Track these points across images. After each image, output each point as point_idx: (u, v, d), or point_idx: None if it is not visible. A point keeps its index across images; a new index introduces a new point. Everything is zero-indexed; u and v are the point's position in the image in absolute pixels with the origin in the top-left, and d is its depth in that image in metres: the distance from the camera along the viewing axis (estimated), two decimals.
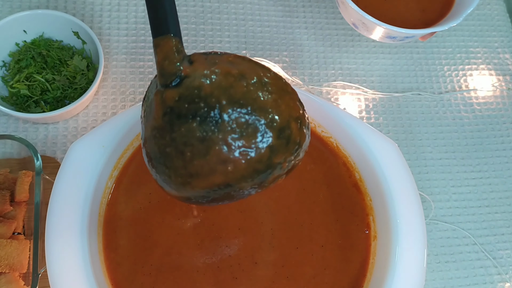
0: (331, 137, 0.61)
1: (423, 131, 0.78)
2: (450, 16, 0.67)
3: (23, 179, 0.58)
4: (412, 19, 0.67)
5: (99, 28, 0.75)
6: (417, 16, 0.68)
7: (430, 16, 0.68)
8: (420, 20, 0.67)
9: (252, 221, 0.56)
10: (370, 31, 0.68)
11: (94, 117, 0.70)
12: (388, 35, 0.67)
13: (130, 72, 0.73)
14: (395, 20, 0.65)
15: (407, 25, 0.64)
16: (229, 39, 0.78)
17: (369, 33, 0.70)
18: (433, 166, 0.76)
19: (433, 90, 0.81)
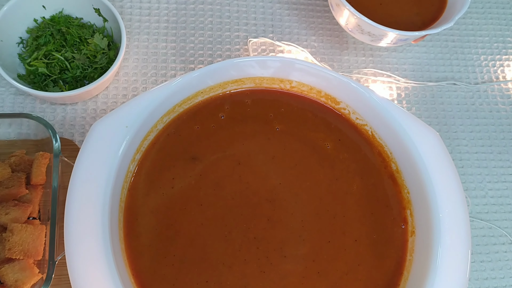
0: (366, 125, 0.57)
1: (458, 123, 0.74)
2: (443, 20, 0.66)
3: (40, 161, 0.55)
4: (407, 22, 0.67)
5: (120, 7, 0.71)
6: (411, 19, 0.67)
7: (424, 19, 0.68)
8: (414, 23, 0.67)
9: (282, 212, 0.53)
10: (365, 34, 0.67)
11: (114, 98, 0.66)
12: (381, 38, 0.66)
13: (152, 53, 0.70)
14: (390, 23, 0.64)
15: (402, 28, 0.64)
16: (255, 22, 0.74)
17: (363, 37, 0.68)
18: (469, 160, 0.71)
19: (469, 80, 0.77)
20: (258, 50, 0.73)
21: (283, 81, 0.58)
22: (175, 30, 0.72)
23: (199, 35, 0.72)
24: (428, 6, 0.68)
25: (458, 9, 0.65)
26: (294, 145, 0.56)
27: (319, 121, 0.58)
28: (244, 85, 0.57)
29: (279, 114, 0.58)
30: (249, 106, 0.57)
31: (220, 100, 0.57)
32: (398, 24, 0.66)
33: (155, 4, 0.73)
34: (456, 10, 0.65)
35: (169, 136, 0.55)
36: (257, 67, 0.55)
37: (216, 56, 0.71)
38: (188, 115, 0.56)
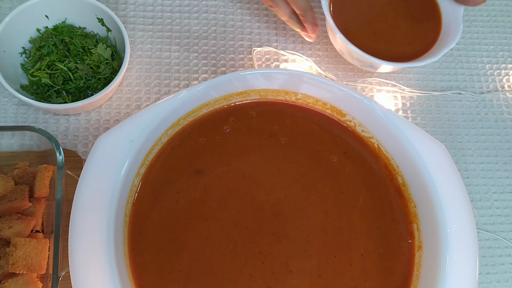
0: (373, 138, 0.57)
1: (463, 133, 0.73)
2: (432, 52, 0.67)
3: (44, 173, 0.54)
4: (398, 52, 0.67)
5: (123, 16, 0.71)
6: (403, 49, 0.68)
7: (416, 50, 0.68)
8: (405, 53, 0.67)
9: (287, 226, 0.52)
10: (354, 59, 0.68)
11: (118, 109, 0.66)
12: (372, 65, 0.67)
13: (156, 63, 0.69)
14: (381, 52, 0.66)
15: (393, 57, 0.65)
16: (259, 31, 0.74)
17: (354, 61, 0.69)
18: (474, 171, 0.71)
19: (474, 90, 0.76)
20: (262, 59, 0.72)
21: (288, 93, 0.57)
22: (178, 39, 0.71)
23: (202, 44, 0.72)
24: (422, 37, 0.68)
25: (447, 42, 0.65)
26: (300, 158, 0.56)
27: (324, 133, 0.58)
28: (249, 97, 0.57)
29: (285, 127, 0.57)
30: (254, 118, 0.57)
31: (225, 113, 0.57)
32: (389, 53, 0.66)
33: (158, 13, 0.72)
34: (446, 43, 0.65)
35: (174, 149, 0.54)
36: (262, 80, 0.55)
37: (219, 65, 0.71)
38: (192, 127, 0.55)
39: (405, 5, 0.69)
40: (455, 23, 0.66)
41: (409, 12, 0.69)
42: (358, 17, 0.68)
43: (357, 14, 0.68)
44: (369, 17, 0.69)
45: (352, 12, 0.68)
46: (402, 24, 0.69)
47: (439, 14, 0.69)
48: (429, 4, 0.70)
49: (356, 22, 0.68)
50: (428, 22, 0.69)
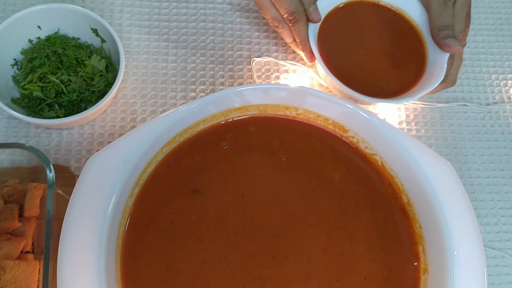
0: (376, 155, 0.55)
1: (468, 146, 0.71)
2: (411, 93, 0.65)
3: (34, 192, 0.52)
4: (375, 88, 0.66)
5: (119, 25, 0.69)
6: (381, 86, 0.66)
7: (393, 89, 0.66)
8: (383, 90, 0.66)
9: (287, 248, 0.50)
10: (332, 87, 0.67)
11: (112, 122, 0.64)
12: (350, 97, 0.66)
13: (152, 74, 0.67)
14: (359, 84, 0.64)
15: (370, 92, 0.63)
16: (259, 40, 0.72)
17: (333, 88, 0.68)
18: (480, 186, 0.69)
19: (480, 101, 0.74)
20: (262, 70, 0.70)
21: (288, 108, 0.55)
22: (175, 50, 0.69)
23: (200, 54, 0.69)
24: (402, 77, 0.67)
25: (428, 85, 0.63)
26: (300, 176, 0.54)
27: (326, 150, 0.55)
28: (248, 112, 0.55)
29: (285, 143, 0.55)
30: (253, 134, 0.55)
31: (223, 129, 0.54)
32: (367, 87, 0.65)
33: (155, 22, 0.70)
34: (427, 86, 0.63)
35: (169, 168, 0.52)
36: (262, 95, 0.53)
37: (218, 76, 0.69)
38: (189, 144, 0.53)
39: (391, 43, 0.68)
40: (440, 68, 0.64)
41: (393, 50, 0.68)
42: (343, 46, 0.67)
43: (342, 43, 0.67)
44: (354, 48, 0.67)
45: (338, 40, 0.67)
46: (384, 61, 0.67)
47: (425, 57, 0.68)
48: (416, 46, 0.68)
49: (340, 50, 0.67)
50: (411, 63, 0.68)
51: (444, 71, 0.63)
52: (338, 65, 0.65)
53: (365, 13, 0.69)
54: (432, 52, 0.66)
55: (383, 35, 0.68)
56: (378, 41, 0.68)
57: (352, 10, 0.69)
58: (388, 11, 0.69)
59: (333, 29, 0.67)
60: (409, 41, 0.68)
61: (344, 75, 0.64)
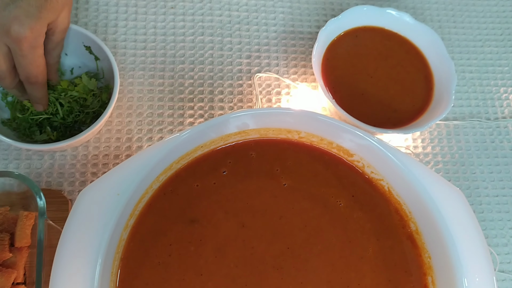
0: (383, 180, 0.52)
1: (477, 163, 0.69)
2: (419, 123, 0.63)
3: (25, 222, 0.50)
4: (382, 117, 0.64)
5: (113, 40, 0.66)
6: (388, 115, 0.64)
7: (401, 118, 0.64)
8: (390, 120, 0.64)
9: (290, 281, 0.48)
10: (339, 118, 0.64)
11: (107, 143, 0.61)
12: None
13: (148, 91, 0.65)
14: (366, 114, 0.62)
15: (377, 121, 0.62)
16: (259, 54, 0.69)
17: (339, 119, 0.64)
18: (489, 205, 0.66)
19: (488, 116, 0.71)
20: (263, 85, 0.67)
21: (291, 132, 0.53)
22: (172, 65, 0.66)
23: (198, 69, 0.67)
24: (409, 106, 0.65)
25: (436, 114, 0.61)
26: (303, 203, 0.51)
27: (330, 174, 0.53)
28: (248, 136, 0.52)
29: (287, 168, 0.53)
30: (253, 159, 0.52)
31: (222, 154, 0.52)
32: (374, 117, 0.62)
33: (151, 36, 0.67)
34: (434, 115, 0.61)
35: (166, 196, 0.49)
36: (263, 120, 0.50)
37: (217, 93, 0.66)
38: (187, 171, 0.51)
39: (398, 69, 0.66)
40: (447, 95, 0.62)
41: (400, 77, 0.66)
42: (349, 75, 0.65)
43: (348, 72, 0.65)
44: (360, 77, 0.65)
45: (343, 69, 0.65)
46: (391, 89, 0.65)
47: (432, 84, 0.65)
48: (422, 72, 0.66)
49: (346, 80, 0.64)
50: (419, 90, 0.66)
51: (452, 98, 0.60)
52: (344, 95, 0.63)
53: (370, 39, 0.67)
54: (438, 78, 0.64)
55: (389, 61, 0.66)
56: (384, 68, 0.65)
57: (356, 37, 0.66)
58: (393, 36, 0.67)
59: (338, 58, 0.65)
60: (415, 66, 0.66)
61: (351, 105, 0.62)
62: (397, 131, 0.60)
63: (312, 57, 0.61)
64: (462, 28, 0.76)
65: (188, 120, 0.64)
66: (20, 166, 0.58)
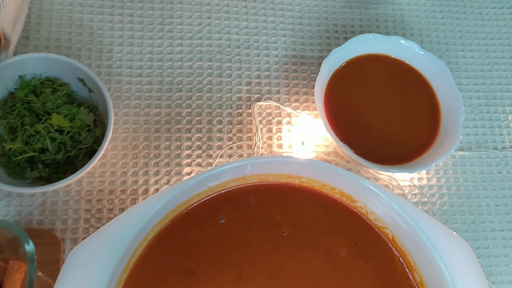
0: (387, 228, 0.50)
1: (483, 195, 0.67)
2: (423, 160, 0.60)
3: (14, 276, 0.48)
4: (387, 152, 0.61)
5: (108, 66, 0.63)
6: (393, 150, 0.61)
7: (406, 153, 0.61)
8: (395, 154, 0.61)
9: None
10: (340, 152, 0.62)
11: (101, 177, 0.59)
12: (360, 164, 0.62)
13: (144, 121, 0.62)
14: (370, 149, 0.60)
15: (381, 157, 0.60)
16: (259, 80, 0.67)
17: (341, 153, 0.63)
18: (495, 240, 0.65)
19: (496, 145, 0.69)
20: (263, 114, 0.65)
21: (291, 177, 0.50)
22: (170, 93, 0.64)
23: (196, 98, 0.64)
24: (415, 139, 0.62)
25: (442, 151, 0.59)
26: (304, 252, 0.49)
27: (332, 221, 0.51)
28: (247, 181, 0.50)
29: (287, 215, 0.51)
30: (252, 206, 0.50)
31: (220, 201, 0.50)
32: (378, 151, 0.60)
33: (147, 62, 0.65)
34: (441, 151, 0.59)
35: (161, 247, 0.48)
36: (262, 167, 0.48)
37: (215, 122, 0.64)
38: (183, 220, 0.49)
39: (404, 100, 0.63)
40: (454, 129, 0.60)
41: (406, 108, 0.63)
42: (352, 107, 0.62)
43: (351, 104, 0.62)
44: (364, 109, 0.62)
45: (347, 101, 0.62)
46: (396, 121, 0.62)
47: (438, 116, 0.63)
48: (429, 103, 0.64)
49: (350, 112, 0.62)
50: (425, 122, 0.63)
51: (460, 133, 0.58)
52: (347, 128, 0.60)
53: (375, 68, 0.64)
54: (445, 110, 0.62)
55: (395, 91, 0.63)
56: (390, 98, 0.63)
57: (361, 65, 0.63)
58: (399, 64, 0.64)
59: (341, 88, 0.62)
60: (422, 96, 0.63)
61: (354, 139, 0.59)
62: (402, 169, 0.58)
63: (315, 90, 0.59)
64: (470, 51, 0.73)
65: (186, 152, 0.62)
66: (11, 204, 0.56)
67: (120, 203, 0.58)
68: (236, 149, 0.63)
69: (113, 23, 0.65)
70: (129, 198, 0.59)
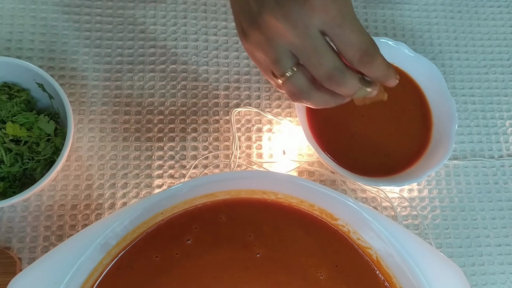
0: (371, 248, 0.46)
1: (478, 207, 0.62)
2: (413, 171, 0.56)
3: None
4: (375, 163, 0.57)
5: (73, 69, 0.59)
6: (381, 160, 0.57)
7: (395, 164, 0.57)
8: (383, 165, 0.57)
9: None
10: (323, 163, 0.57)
11: (64, 191, 0.55)
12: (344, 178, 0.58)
13: (112, 130, 0.58)
14: (356, 160, 0.56)
15: (368, 169, 0.55)
16: (238, 85, 0.62)
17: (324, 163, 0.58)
18: (490, 256, 0.60)
19: (492, 153, 0.65)
20: (242, 121, 0.61)
21: (266, 193, 0.46)
22: (140, 99, 0.59)
23: (170, 103, 0.60)
24: (405, 149, 0.58)
25: (434, 162, 0.55)
26: (280, 275, 0.45)
27: (311, 241, 0.47)
28: (217, 198, 0.46)
29: (261, 234, 0.46)
30: (223, 224, 0.46)
31: (187, 219, 0.45)
32: (365, 162, 0.56)
33: (116, 65, 0.60)
34: (432, 162, 0.55)
35: (120, 271, 0.43)
36: (232, 182, 0.44)
37: (190, 130, 0.59)
38: (145, 241, 0.44)
39: (393, 107, 0.58)
40: (447, 137, 0.55)
41: (396, 115, 0.59)
42: (337, 114, 0.57)
43: (336, 111, 0.57)
44: (350, 116, 0.58)
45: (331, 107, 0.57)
46: (385, 130, 0.58)
47: (430, 123, 0.58)
48: (420, 109, 0.59)
49: (333, 120, 0.57)
50: (415, 131, 0.58)
51: (453, 141, 0.53)
52: (331, 137, 0.56)
53: None
54: (437, 117, 0.57)
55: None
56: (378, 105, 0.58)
57: None
58: None
59: None
60: (412, 102, 0.59)
61: (338, 149, 0.55)
62: (390, 182, 0.54)
63: None
64: (465, 52, 0.69)
65: (157, 162, 0.57)
66: None
67: (84, 219, 0.54)
68: (212, 159, 0.59)
69: (80, 23, 0.61)
70: (94, 213, 0.54)
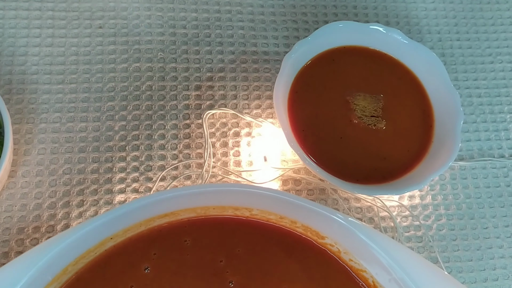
0: (366, 271, 0.38)
1: (489, 214, 0.55)
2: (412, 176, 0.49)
3: None
4: (369, 167, 0.49)
5: (22, 72, 0.52)
6: (376, 164, 0.49)
7: (393, 168, 0.49)
8: (378, 170, 0.49)
9: None
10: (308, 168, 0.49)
11: (9, 212, 0.47)
12: None
13: (66, 139, 0.50)
14: (346, 166, 0.49)
15: (360, 174, 0.48)
16: (212, 83, 0.55)
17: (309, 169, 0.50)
18: (505, 269, 0.53)
19: (502, 152, 0.57)
20: (216, 125, 0.53)
21: (239, 209, 0.38)
22: (99, 103, 0.52)
23: (133, 107, 0.52)
24: (402, 151, 0.50)
25: (437, 166, 0.48)
26: None
27: (294, 264, 0.39)
28: (179, 217, 0.38)
29: (234, 259, 0.38)
30: (188, 249, 0.38)
31: (144, 243, 0.38)
32: (356, 168, 0.48)
33: (71, 66, 0.53)
34: (435, 166, 0.48)
35: None
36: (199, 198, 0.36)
37: (157, 137, 0.52)
38: (91, 273, 0.36)
39: (389, 102, 0.51)
40: (451, 135, 0.48)
41: (392, 112, 0.51)
42: (324, 113, 0.50)
43: (322, 110, 0.50)
44: (338, 114, 0.50)
45: (317, 106, 0.50)
46: (380, 130, 0.50)
47: (431, 120, 0.51)
48: (420, 105, 0.52)
49: (320, 120, 0.50)
50: (415, 129, 0.51)
51: (459, 140, 0.46)
52: (317, 140, 0.48)
53: (350, 63, 0.52)
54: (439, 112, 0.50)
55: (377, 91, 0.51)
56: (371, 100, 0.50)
57: (333, 61, 0.51)
58: (380, 57, 0.52)
59: (309, 91, 0.50)
60: (411, 96, 0.51)
61: (326, 153, 0.48)
62: (387, 190, 0.46)
63: (274, 93, 0.47)
64: (467, 40, 0.62)
65: (119, 175, 0.50)
66: None
67: (33, 244, 0.46)
68: (182, 169, 0.51)
69: (29, 19, 0.54)
70: (44, 237, 0.47)
